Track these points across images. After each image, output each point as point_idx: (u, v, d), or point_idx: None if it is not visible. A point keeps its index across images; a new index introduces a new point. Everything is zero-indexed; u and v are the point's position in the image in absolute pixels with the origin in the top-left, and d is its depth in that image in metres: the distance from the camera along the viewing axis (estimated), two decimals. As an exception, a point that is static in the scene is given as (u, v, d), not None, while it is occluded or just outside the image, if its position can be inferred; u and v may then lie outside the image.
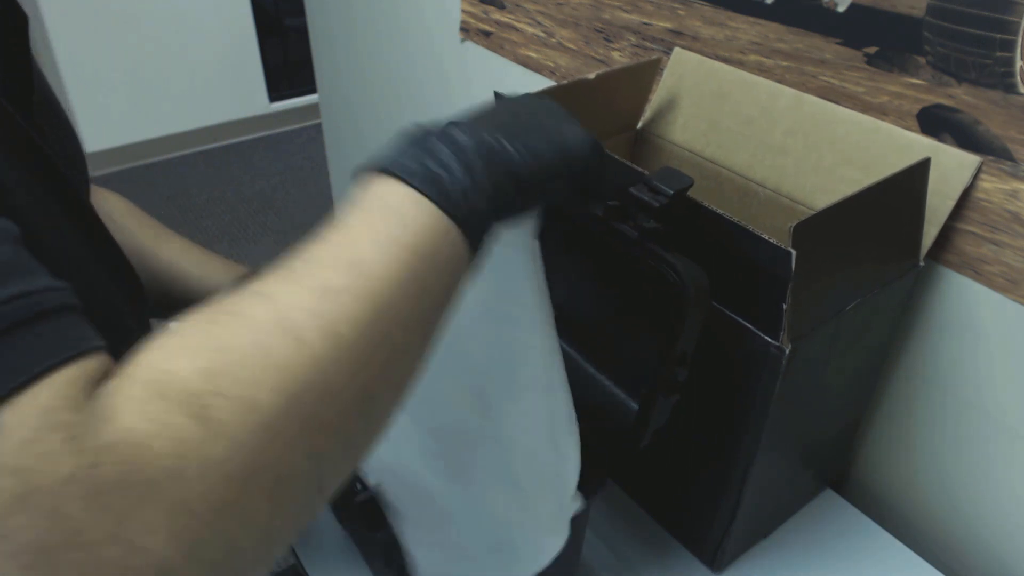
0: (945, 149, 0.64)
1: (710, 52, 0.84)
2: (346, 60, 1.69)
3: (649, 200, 0.53)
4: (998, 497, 0.72)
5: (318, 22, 1.77)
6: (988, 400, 0.70)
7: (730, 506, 0.67)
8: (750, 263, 0.55)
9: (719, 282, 0.54)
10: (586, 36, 1.01)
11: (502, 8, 1.14)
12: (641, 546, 0.75)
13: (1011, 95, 0.60)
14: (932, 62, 0.65)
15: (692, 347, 0.54)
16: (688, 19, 0.85)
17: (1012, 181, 0.62)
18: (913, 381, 0.75)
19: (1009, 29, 0.59)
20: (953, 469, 0.75)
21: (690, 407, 0.57)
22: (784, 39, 0.76)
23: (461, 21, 1.26)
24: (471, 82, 1.31)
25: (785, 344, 0.55)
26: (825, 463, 0.79)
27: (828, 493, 0.81)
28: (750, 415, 0.60)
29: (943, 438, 0.75)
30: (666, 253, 0.52)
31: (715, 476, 0.67)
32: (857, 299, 0.61)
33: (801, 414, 0.65)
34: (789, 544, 0.76)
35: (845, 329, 0.61)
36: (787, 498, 0.76)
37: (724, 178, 0.80)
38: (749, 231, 0.53)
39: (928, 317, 0.71)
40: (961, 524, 0.76)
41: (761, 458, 0.63)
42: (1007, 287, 0.65)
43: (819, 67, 0.74)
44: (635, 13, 0.92)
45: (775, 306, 0.54)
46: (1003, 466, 0.71)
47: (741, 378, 0.60)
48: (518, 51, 1.15)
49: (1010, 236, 0.63)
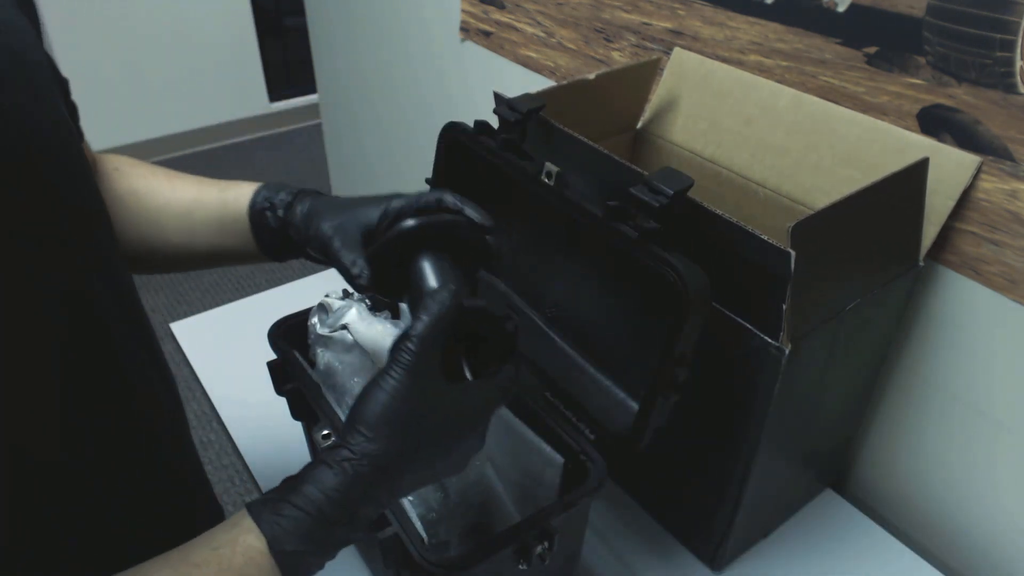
0: (945, 149, 0.64)
1: (710, 52, 0.84)
2: (346, 60, 1.69)
3: (649, 200, 0.53)
4: (999, 498, 0.72)
5: (318, 22, 1.78)
6: (988, 400, 0.70)
7: (730, 506, 0.67)
8: (750, 263, 0.55)
9: (719, 282, 0.54)
10: (586, 36, 1.01)
11: (502, 8, 1.14)
12: (641, 546, 0.75)
13: (1011, 95, 0.60)
14: (932, 62, 0.65)
15: (692, 347, 0.54)
16: (688, 19, 0.85)
17: (1012, 181, 0.62)
18: (913, 381, 0.75)
19: (1009, 29, 0.59)
20: (953, 469, 0.75)
21: (690, 407, 0.57)
22: (784, 39, 0.76)
23: (461, 21, 1.26)
24: (471, 82, 1.31)
25: (785, 344, 0.55)
26: (825, 463, 0.79)
27: (828, 493, 0.81)
28: (750, 415, 0.60)
29: (943, 438, 0.75)
30: (666, 253, 0.52)
31: (715, 476, 0.67)
32: (857, 299, 0.61)
33: (801, 414, 0.65)
34: (789, 544, 0.76)
35: (845, 329, 0.61)
36: (787, 498, 0.76)
37: (724, 178, 0.80)
38: (749, 231, 0.53)
39: (928, 317, 0.71)
40: (961, 524, 0.76)
41: (761, 458, 0.63)
42: (1007, 287, 0.65)
43: (819, 67, 0.74)
44: (635, 13, 0.92)
45: (775, 306, 0.54)
46: (1004, 466, 0.71)
47: (741, 378, 0.60)
48: (518, 51, 1.15)
49: (1010, 236, 0.63)
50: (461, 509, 0.67)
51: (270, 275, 2.59)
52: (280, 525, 0.41)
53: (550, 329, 0.74)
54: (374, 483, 0.43)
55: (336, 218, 0.55)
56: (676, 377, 0.54)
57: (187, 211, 0.60)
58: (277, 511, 0.41)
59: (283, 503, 0.42)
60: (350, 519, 0.43)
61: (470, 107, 1.33)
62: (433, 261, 0.52)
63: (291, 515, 0.41)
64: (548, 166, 0.60)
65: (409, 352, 0.43)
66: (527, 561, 0.54)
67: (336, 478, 0.42)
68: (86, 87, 2.96)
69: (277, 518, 0.41)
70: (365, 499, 0.43)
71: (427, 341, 0.43)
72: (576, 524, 0.62)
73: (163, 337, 0.63)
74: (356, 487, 0.42)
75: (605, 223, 0.56)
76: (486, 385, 0.48)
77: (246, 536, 0.41)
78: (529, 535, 0.54)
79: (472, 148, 0.67)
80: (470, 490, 0.67)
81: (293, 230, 0.57)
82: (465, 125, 0.69)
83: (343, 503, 0.42)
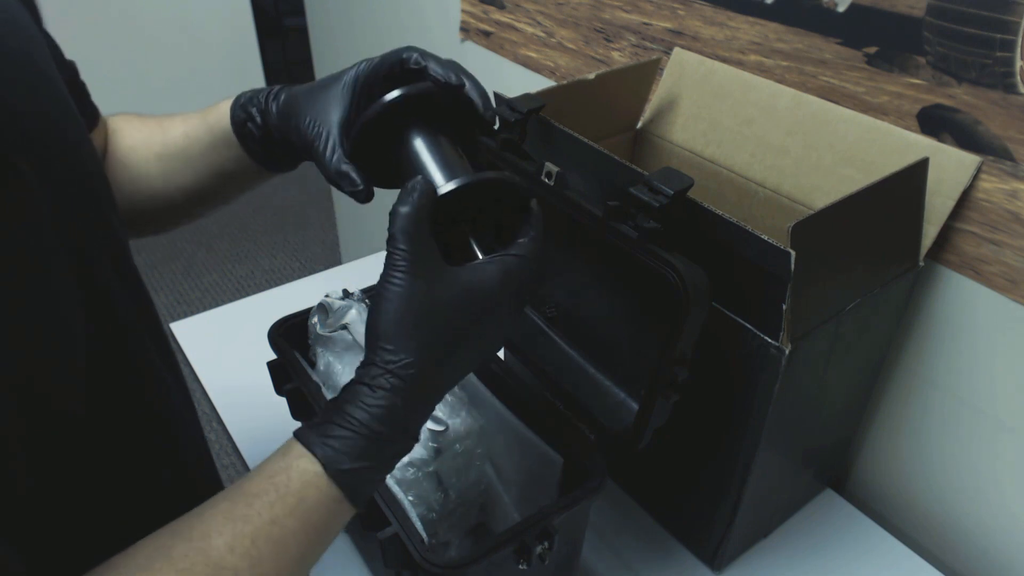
0: (945, 149, 0.64)
1: (710, 52, 0.84)
2: (346, 60, 1.69)
3: (649, 200, 0.53)
4: (1000, 497, 0.72)
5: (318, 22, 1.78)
6: (989, 400, 0.70)
7: (730, 506, 0.67)
8: (750, 263, 0.55)
9: (719, 282, 0.54)
10: (586, 36, 1.01)
11: (502, 8, 1.14)
12: (641, 546, 0.75)
13: (1011, 95, 0.60)
14: (932, 62, 0.65)
15: (692, 347, 0.54)
16: (688, 19, 0.85)
17: (1012, 181, 0.62)
18: (913, 381, 0.75)
19: (1009, 29, 0.59)
20: (953, 469, 0.75)
21: (690, 407, 0.57)
22: (784, 39, 0.76)
23: (461, 21, 1.26)
24: (471, 82, 1.31)
25: (785, 344, 0.55)
26: (825, 463, 0.79)
27: (828, 493, 0.81)
28: (750, 415, 0.60)
29: (943, 438, 0.75)
30: (666, 253, 0.52)
31: (715, 476, 0.67)
32: (857, 299, 0.61)
33: (801, 414, 0.65)
34: (789, 544, 0.76)
35: (845, 329, 0.61)
36: (787, 498, 0.76)
37: (724, 178, 0.80)
38: (748, 231, 0.53)
39: (928, 317, 0.71)
40: (962, 524, 0.76)
41: (761, 458, 0.63)
42: (1007, 287, 0.65)
43: (819, 67, 0.74)
44: (635, 13, 0.92)
45: (775, 306, 0.54)
46: (1004, 466, 0.71)
47: (741, 378, 0.60)
48: (518, 51, 1.15)
49: (1010, 236, 0.63)
50: (461, 509, 0.67)
51: (270, 275, 2.60)
52: (331, 447, 0.40)
53: (550, 329, 0.74)
54: (414, 391, 0.42)
55: (309, 112, 0.52)
56: (676, 377, 0.54)
57: (182, 150, 0.59)
58: (326, 433, 0.41)
59: (330, 425, 0.41)
60: (403, 431, 0.42)
61: (470, 107, 1.32)
62: (423, 140, 0.48)
63: (341, 435, 0.40)
64: (548, 166, 0.60)
65: (398, 252, 0.41)
66: (527, 561, 0.54)
67: (376, 397, 0.41)
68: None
69: (328, 439, 0.40)
70: (409, 409, 0.42)
71: (411, 235, 0.42)
72: (576, 524, 0.62)
73: (163, 337, 0.64)
74: (397, 400, 0.41)
75: (605, 223, 0.56)
76: (504, 258, 0.45)
77: (299, 461, 0.40)
78: (529, 535, 0.54)
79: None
80: (470, 490, 0.67)
81: (277, 134, 0.55)
82: (465, 125, 0.68)
83: (389, 419, 0.41)
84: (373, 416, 0.41)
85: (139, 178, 0.59)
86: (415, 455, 0.62)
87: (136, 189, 0.59)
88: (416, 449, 0.62)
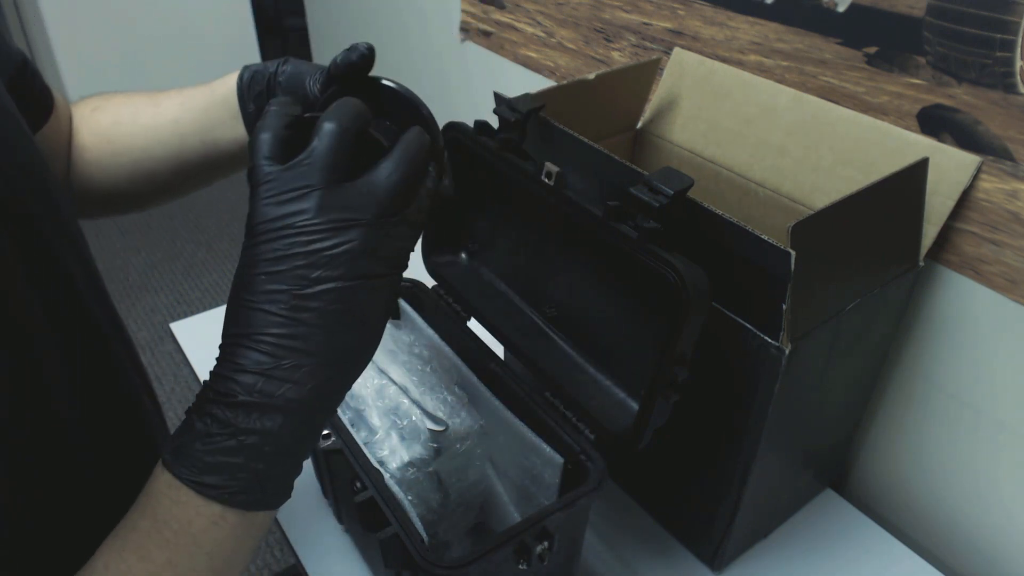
0: (945, 149, 0.64)
1: (710, 52, 0.84)
2: (346, 60, 1.69)
3: (649, 200, 0.53)
4: (1000, 497, 0.72)
5: (318, 22, 1.78)
6: (989, 400, 0.70)
7: (730, 506, 0.67)
8: (750, 263, 0.55)
9: (719, 282, 0.54)
10: (586, 36, 1.01)
11: (502, 8, 1.14)
12: (641, 546, 0.75)
13: (1011, 95, 0.60)
14: (932, 62, 0.65)
15: (692, 347, 0.54)
16: (688, 19, 0.85)
17: (1012, 181, 0.62)
18: (913, 381, 0.75)
19: (1009, 29, 0.59)
20: (953, 469, 0.75)
21: (690, 407, 0.57)
22: (784, 39, 0.76)
23: (461, 21, 1.26)
24: (471, 82, 1.31)
25: (785, 344, 0.55)
26: (825, 463, 0.79)
27: (828, 493, 0.81)
28: (750, 415, 0.60)
29: (943, 438, 0.75)
30: (666, 253, 0.52)
31: (715, 476, 0.67)
32: (857, 299, 0.61)
33: (801, 414, 0.65)
34: (789, 544, 0.76)
35: (845, 329, 0.61)
36: (787, 498, 0.76)
37: (723, 178, 0.80)
38: (748, 231, 0.53)
39: (928, 317, 0.71)
40: (962, 524, 0.76)
41: (761, 458, 0.63)
42: (1007, 287, 0.65)
43: (819, 67, 0.74)
44: (635, 13, 0.92)
45: (775, 306, 0.54)
46: (1004, 466, 0.71)
47: (741, 378, 0.60)
48: (518, 51, 1.15)
49: (1010, 236, 0.63)
50: (461, 509, 0.67)
51: (270, 275, 2.59)
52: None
53: (550, 329, 0.74)
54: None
55: (310, 75, 0.54)
56: (676, 377, 0.54)
57: (174, 119, 0.57)
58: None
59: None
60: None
61: (470, 107, 1.33)
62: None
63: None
64: (548, 166, 0.60)
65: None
66: (527, 561, 0.55)
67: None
68: (86, 87, 2.96)
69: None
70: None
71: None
72: (576, 524, 0.62)
73: (163, 337, 0.63)
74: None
75: (605, 223, 0.56)
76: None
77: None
78: (529, 535, 0.54)
79: (472, 148, 0.67)
80: (470, 490, 0.67)
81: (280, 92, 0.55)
82: (465, 125, 0.69)
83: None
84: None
85: (122, 152, 0.58)
86: (415, 455, 0.62)
87: (118, 164, 0.58)
88: (416, 449, 0.62)
